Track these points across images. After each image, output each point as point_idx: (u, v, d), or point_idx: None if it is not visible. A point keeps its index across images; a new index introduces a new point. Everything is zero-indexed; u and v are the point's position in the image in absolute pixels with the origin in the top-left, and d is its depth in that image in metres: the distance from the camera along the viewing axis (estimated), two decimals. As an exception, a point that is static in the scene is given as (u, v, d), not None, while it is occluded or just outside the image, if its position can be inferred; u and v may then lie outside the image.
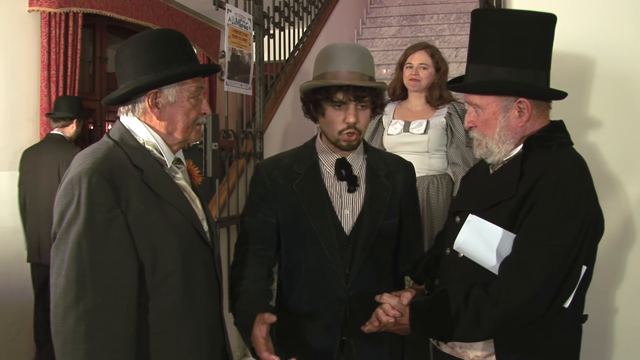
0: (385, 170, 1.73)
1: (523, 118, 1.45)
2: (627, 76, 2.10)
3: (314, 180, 1.68)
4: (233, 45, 3.11)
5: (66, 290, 1.23)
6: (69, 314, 1.22)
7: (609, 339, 2.15)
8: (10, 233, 3.33)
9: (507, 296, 1.35)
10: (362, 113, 1.64)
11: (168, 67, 1.37)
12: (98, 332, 1.22)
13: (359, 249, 1.65)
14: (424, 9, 6.56)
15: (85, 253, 1.23)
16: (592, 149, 2.11)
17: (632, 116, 2.11)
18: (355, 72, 1.62)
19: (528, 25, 1.45)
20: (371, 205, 1.67)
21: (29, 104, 3.41)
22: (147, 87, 1.36)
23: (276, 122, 4.26)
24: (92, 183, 1.24)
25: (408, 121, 2.85)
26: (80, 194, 1.24)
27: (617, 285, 2.14)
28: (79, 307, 1.22)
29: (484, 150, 1.49)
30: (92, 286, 1.23)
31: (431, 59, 2.84)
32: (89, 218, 1.23)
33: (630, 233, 2.12)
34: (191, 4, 4.86)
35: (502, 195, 1.43)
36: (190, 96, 1.41)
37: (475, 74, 1.48)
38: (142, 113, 1.40)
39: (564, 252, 1.33)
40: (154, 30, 1.44)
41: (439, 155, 2.82)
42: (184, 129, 1.43)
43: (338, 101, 1.61)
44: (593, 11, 2.15)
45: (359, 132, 1.65)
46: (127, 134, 1.40)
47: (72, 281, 1.22)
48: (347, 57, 1.64)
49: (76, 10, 3.58)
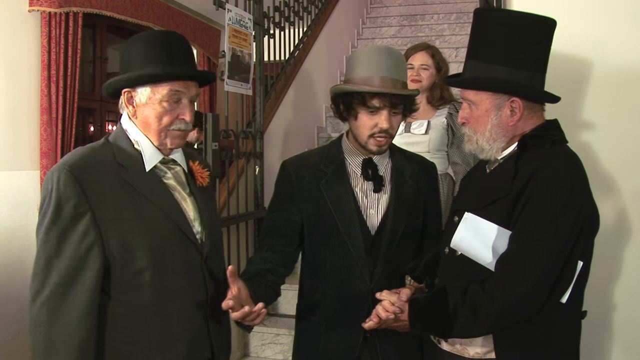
0: (410, 171, 1.75)
1: (514, 117, 1.47)
2: (623, 76, 2.10)
3: (341, 180, 1.70)
4: (233, 45, 3.11)
5: (35, 276, 1.33)
6: (36, 297, 1.33)
7: (608, 337, 2.15)
8: (10, 233, 3.33)
9: (504, 292, 1.36)
10: (394, 119, 1.66)
11: (144, 67, 1.37)
12: (56, 318, 1.31)
13: (383, 248, 1.67)
14: (424, 9, 6.56)
15: (52, 243, 1.31)
16: (587, 148, 2.11)
17: (628, 116, 2.11)
18: (390, 78, 1.63)
19: (529, 27, 1.47)
20: (396, 205, 1.69)
21: (29, 104, 3.41)
22: (118, 84, 1.39)
23: (276, 122, 4.26)
24: (61, 179, 1.31)
25: (409, 122, 2.85)
26: (52, 188, 1.31)
27: (615, 283, 2.14)
28: (43, 292, 1.32)
29: (474, 145, 1.52)
30: (56, 274, 1.31)
31: (432, 60, 2.86)
32: (57, 211, 1.31)
33: (627, 230, 2.12)
34: (191, 4, 4.86)
35: (498, 193, 1.45)
36: (163, 99, 1.39)
37: (473, 70, 1.50)
38: (124, 109, 1.44)
39: (558, 247, 1.34)
40: (154, 30, 1.46)
41: (440, 155, 2.83)
42: (156, 132, 1.42)
43: (373, 107, 1.62)
44: (593, 12, 2.15)
45: (390, 137, 1.67)
46: (122, 134, 1.43)
47: (40, 268, 1.33)
48: (383, 62, 1.64)
49: (76, 10, 3.58)
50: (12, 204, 3.35)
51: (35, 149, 3.43)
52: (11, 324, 3.31)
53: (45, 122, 3.41)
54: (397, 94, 1.62)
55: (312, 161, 1.74)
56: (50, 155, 3.42)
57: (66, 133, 3.54)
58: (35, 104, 3.43)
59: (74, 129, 3.62)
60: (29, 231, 3.43)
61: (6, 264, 3.29)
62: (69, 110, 3.54)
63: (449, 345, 1.53)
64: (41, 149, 3.42)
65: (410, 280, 1.77)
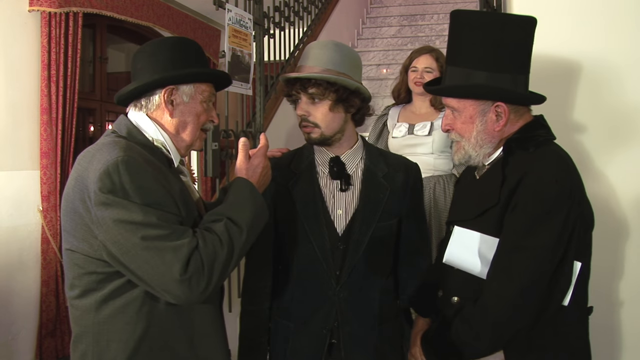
0: (385, 171, 1.69)
1: (500, 122, 1.45)
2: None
3: (309, 180, 1.67)
4: (233, 45, 3.11)
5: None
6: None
7: (613, 337, 2.15)
8: (10, 233, 3.33)
9: (494, 300, 1.36)
10: (314, 106, 1.62)
11: (186, 68, 1.41)
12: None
13: (351, 250, 1.62)
14: (424, 9, 6.56)
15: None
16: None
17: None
18: (315, 67, 1.60)
19: (507, 28, 1.43)
20: (365, 206, 1.64)
21: (29, 104, 3.41)
22: (166, 81, 1.39)
23: (276, 122, 4.26)
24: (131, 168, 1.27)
25: (412, 124, 2.87)
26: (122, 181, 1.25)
27: (618, 282, 2.14)
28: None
29: (462, 154, 1.50)
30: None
31: (436, 63, 2.88)
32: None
33: (624, 229, 2.12)
34: (191, 4, 4.85)
35: (487, 203, 1.43)
36: (204, 100, 1.45)
37: (453, 76, 1.47)
38: (155, 109, 1.42)
39: (545, 253, 1.33)
40: (173, 36, 1.48)
41: (444, 156, 2.84)
42: (192, 131, 1.45)
43: (292, 96, 1.64)
44: (592, 12, 2.15)
45: (314, 125, 1.63)
46: (135, 130, 1.41)
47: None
48: (311, 53, 1.63)
49: (76, 10, 3.57)
50: (12, 204, 3.35)
51: (35, 149, 3.43)
52: (11, 324, 3.31)
53: (45, 122, 3.41)
54: (298, 77, 1.60)
55: (283, 162, 1.72)
56: (50, 155, 3.42)
57: (66, 133, 3.54)
58: (35, 104, 3.43)
59: (74, 129, 3.62)
60: (29, 231, 3.43)
61: (6, 264, 3.29)
62: (69, 110, 3.54)
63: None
64: (41, 149, 3.42)
65: (415, 315, 1.75)
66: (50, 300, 3.46)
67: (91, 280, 1.31)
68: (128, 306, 1.31)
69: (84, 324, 1.33)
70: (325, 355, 1.63)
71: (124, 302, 1.31)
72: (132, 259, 1.24)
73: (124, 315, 1.31)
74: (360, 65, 1.72)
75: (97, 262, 1.29)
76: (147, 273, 1.24)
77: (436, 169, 2.81)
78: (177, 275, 1.22)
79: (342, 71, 1.61)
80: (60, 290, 3.49)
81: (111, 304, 1.31)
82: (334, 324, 1.63)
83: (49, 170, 3.43)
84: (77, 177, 1.31)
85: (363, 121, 1.73)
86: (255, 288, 1.71)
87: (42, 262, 3.45)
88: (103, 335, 1.32)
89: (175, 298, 1.26)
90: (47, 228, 3.43)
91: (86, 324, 1.33)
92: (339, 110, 1.63)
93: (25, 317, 3.39)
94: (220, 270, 1.28)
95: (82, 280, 1.32)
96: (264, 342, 1.70)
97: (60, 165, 3.48)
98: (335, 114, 1.62)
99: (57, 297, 3.50)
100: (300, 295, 1.66)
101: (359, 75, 1.68)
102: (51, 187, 3.43)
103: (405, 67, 2.95)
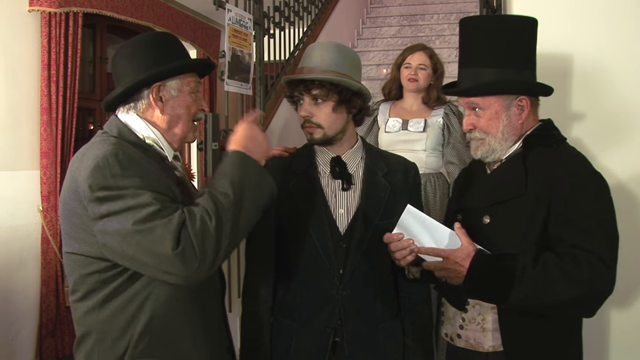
0: (385, 170, 1.71)
1: (523, 115, 1.53)
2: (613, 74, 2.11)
3: (310, 180, 1.68)
4: (233, 45, 3.11)
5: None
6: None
7: (608, 337, 2.15)
8: (10, 233, 3.33)
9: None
10: (317, 107, 1.63)
11: (169, 62, 1.41)
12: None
13: (353, 249, 1.64)
14: (424, 9, 6.57)
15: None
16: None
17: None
18: (317, 68, 1.61)
19: (509, 28, 1.53)
20: (367, 204, 1.66)
21: (29, 104, 3.40)
22: (151, 79, 1.40)
23: (276, 122, 4.26)
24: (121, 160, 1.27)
25: (405, 119, 2.88)
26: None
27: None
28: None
29: (486, 149, 1.54)
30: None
31: (430, 60, 2.91)
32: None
33: (621, 229, 2.12)
34: (191, 4, 4.85)
35: (510, 193, 1.48)
36: (192, 90, 1.46)
37: (467, 77, 1.54)
38: (144, 108, 1.43)
39: (614, 224, 1.44)
40: (149, 33, 1.51)
41: (435, 154, 2.87)
42: (185, 124, 1.46)
43: (294, 97, 1.66)
44: (592, 12, 2.15)
45: (317, 126, 1.64)
46: (125, 129, 1.42)
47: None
48: (313, 54, 1.64)
49: (76, 10, 3.57)
50: (12, 204, 3.35)
51: (35, 149, 3.43)
52: (11, 324, 3.31)
53: (45, 122, 3.41)
54: (304, 79, 1.61)
55: (284, 162, 1.73)
56: (50, 155, 3.42)
57: (66, 133, 3.54)
58: (35, 104, 3.43)
59: (74, 129, 3.61)
60: (29, 231, 3.43)
61: (6, 264, 3.29)
62: (69, 110, 3.54)
63: (464, 341, 1.55)
64: (41, 149, 3.42)
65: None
66: (50, 300, 3.46)
67: (93, 281, 1.32)
68: (130, 303, 1.32)
69: (88, 324, 1.34)
70: (329, 353, 1.64)
71: (126, 300, 1.31)
72: (128, 246, 1.24)
73: (126, 312, 1.32)
74: (361, 66, 1.74)
75: (99, 261, 1.30)
76: (143, 255, 1.24)
77: (427, 166, 2.84)
78: (170, 249, 1.21)
79: (344, 72, 1.62)
80: (60, 290, 3.49)
81: (113, 302, 1.32)
82: (337, 322, 1.64)
83: (49, 170, 3.42)
84: (71, 178, 1.32)
85: (363, 121, 1.76)
86: (256, 288, 1.71)
87: (42, 262, 3.45)
88: (107, 333, 1.33)
89: (174, 277, 1.24)
90: (47, 228, 3.43)
91: (90, 323, 1.34)
92: (341, 110, 1.64)
93: (25, 317, 3.39)
94: (214, 241, 1.25)
95: (84, 283, 1.33)
96: (267, 342, 1.70)
97: (60, 165, 3.47)
98: (337, 115, 1.64)
99: (57, 297, 3.49)
100: (303, 294, 1.67)
101: (359, 76, 1.70)
102: (51, 187, 3.43)
103: (397, 64, 2.98)
